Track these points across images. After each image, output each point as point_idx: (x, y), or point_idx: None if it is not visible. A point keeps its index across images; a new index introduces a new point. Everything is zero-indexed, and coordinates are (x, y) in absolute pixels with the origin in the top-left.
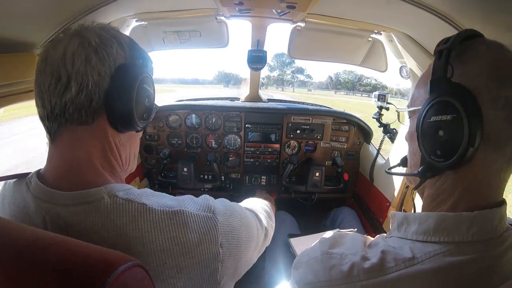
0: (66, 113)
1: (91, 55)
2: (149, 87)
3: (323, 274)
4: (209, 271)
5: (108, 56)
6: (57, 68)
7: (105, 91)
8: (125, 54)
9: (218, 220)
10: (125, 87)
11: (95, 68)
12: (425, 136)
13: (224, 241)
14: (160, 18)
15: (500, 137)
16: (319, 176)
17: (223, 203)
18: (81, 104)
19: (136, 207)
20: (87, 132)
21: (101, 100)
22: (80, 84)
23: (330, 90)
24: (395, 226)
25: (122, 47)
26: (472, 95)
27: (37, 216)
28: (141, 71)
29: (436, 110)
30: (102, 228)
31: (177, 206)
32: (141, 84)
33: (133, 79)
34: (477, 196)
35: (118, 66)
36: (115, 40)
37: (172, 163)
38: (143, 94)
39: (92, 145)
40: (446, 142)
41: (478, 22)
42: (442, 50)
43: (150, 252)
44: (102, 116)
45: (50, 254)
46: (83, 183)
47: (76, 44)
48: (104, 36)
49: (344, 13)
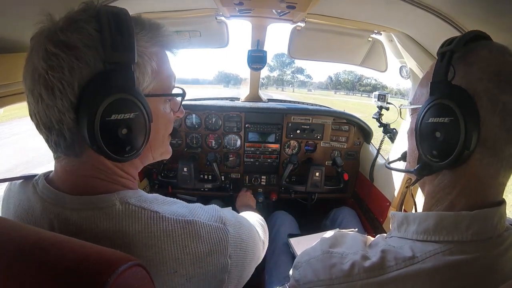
0: (51, 147)
1: (42, 91)
2: (123, 114)
3: (323, 273)
4: (216, 281)
5: (61, 82)
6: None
7: (74, 125)
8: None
9: (229, 232)
10: (86, 123)
11: (51, 106)
12: (422, 136)
13: (233, 252)
14: (160, 18)
15: (497, 142)
16: (319, 176)
17: (232, 214)
18: (57, 142)
19: (149, 215)
20: (81, 162)
21: (75, 135)
22: (46, 125)
23: (330, 90)
24: (395, 226)
25: (78, 54)
26: (471, 99)
27: (43, 219)
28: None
29: (435, 112)
30: (114, 235)
31: (189, 215)
32: (104, 117)
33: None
34: (476, 195)
35: (82, 88)
36: (67, 49)
37: (172, 163)
38: (113, 127)
39: (92, 170)
40: (442, 143)
41: (479, 23)
42: (445, 52)
43: (162, 260)
44: (88, 148)
45: (51, 254)
46: (94, 189)
47: (30, 75)
48: (51, 53)
49: (344, 13)
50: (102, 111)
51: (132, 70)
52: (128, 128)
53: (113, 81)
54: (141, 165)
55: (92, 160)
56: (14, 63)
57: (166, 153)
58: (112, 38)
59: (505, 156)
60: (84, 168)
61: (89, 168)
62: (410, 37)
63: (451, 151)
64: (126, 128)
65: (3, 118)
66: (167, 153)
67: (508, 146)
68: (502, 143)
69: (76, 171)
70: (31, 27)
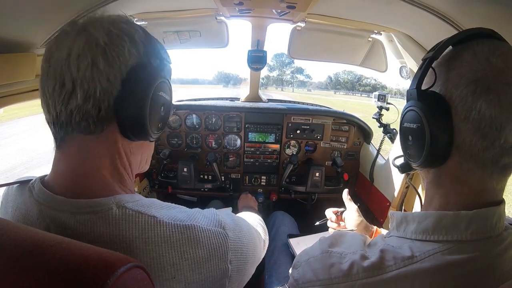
0: (73, 121)
1: (99, 58)
2: (166, 95)
3: (322, 273)
4: (216, 286)
5: (119, 57)
6: (61, 72)
7: (116, 98)
8: (139, 53)
9: (229, 236)
10: (138, 94)
11: (103, 73)
12: (401, 137)
13: (233, 257)
14: (160, 18)
15: (473, 148)
16: (319, 176)
17: (231, 218)
18: (88, 113)
19: (146, 220)
20: (95, 142)
21: (110, 108)
22: (86, 92)
23: (329, 90)
24: (394, 225)
25: (136, 44)
26: (447, 105)
27: (39, 223)
28: (157, 74)
29: (407, 117)
30: (111, 240)
31: (188, 220)
32: (156, 91)
33: (148, 86)
34: (465, 197)
35: (131, 69)
36: (127, 37)
37: (172, 163)
38: (159, 102)
39: (100, 155)
40: (413, 146)
41: (479, 22)
42: (426, 58)
43: (160, 266)
44: (112, 124)
45: (50, 255)
46: (91, 192)
47: (82, 43)
48: (114, 33)
49: (344, 13)
50: (156, 85)
51: (170, 67)
52: (164, 107)
53: (161, 69)
54: (139, 163)
55: (109, 141)
56: (14, 63)
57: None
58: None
59: (488, 162)
60: (97, 150)
61: (101, 151)
62: (410, 37)
63: (420, 153)
64: (163, 107)
65: (3, 118)
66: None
67: (488, 152)
68: (479, 149)
69: (84, 156)
70: (32, 27)
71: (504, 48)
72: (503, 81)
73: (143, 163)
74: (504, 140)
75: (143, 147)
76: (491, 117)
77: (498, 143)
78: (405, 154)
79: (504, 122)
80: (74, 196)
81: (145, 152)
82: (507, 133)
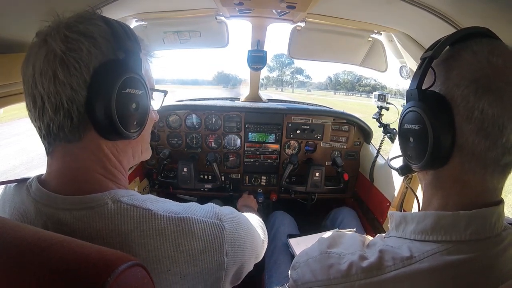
0: (52, 133)
1: (58, 69)
2: (136, 90)
3: (321, 273)
4: (212, 278)
5: (78, 62)
6: (31, 91)
7: (85, 104)
8: (101, 50)
9: (225, 228)
10: (101, 96)
11: (65, 83)
12: (401, 139)
13: (229, 249)
14: (160, 18)
15: (475, 148)
16: (319, 176)
17: (230, 211)
18: (62, 124)
19: (141, 213)
20: (79, 148)
21: (82, 115)
22: (55, 105)
23: (329, 90)
24: (393, 226)
25: (95, 43)
26: (448, 105)
27: (37, 221)
28: (122, 71)
29: (408, 118)
30: (107, 235)
31: (183, 212)
32: (121, 89)
33: (110, 85)
34: (465, 197)
35: (94, 71)
36: (85, 37)
37: (172, 163)
38: (126, 100)
39: (87, 159)
40: (415, 148)
41: (478, 22)
42: (425, 58)
43: (156, 259)
44: (90, 129)
45: (50, 254)
46: (86, 188)
47: (42, 58)
48: (70, 37)
49: (344, 13)
50: (120, 84)
51: (140, 57)
52: (136, 103)
53: (126, 63)
54: (131, 158)
55: (92, 145)
56: (14, 63)
57: (149, 149)
58: (123, 29)
59: (490, 162)
60: (82, 157)
61: (87, 156)
62: (410, 37)
63: (423, 155)
64: (135, 103)
65: (3, 118)
66: (149, 150)
67: (491, 152)
68: (482, 149)
69: (72, 162)
70: (32, 27)
71: (502, 47)
72: (504, 80)
73: (137, 156)
74: (506, 139)
75: (131, 144)
76: (494, 117)
77: (501, 142)
78: (405, 156)
79: (506, 121)
80: (70, 192)
81: (135, 147)
82: (508, 132)
